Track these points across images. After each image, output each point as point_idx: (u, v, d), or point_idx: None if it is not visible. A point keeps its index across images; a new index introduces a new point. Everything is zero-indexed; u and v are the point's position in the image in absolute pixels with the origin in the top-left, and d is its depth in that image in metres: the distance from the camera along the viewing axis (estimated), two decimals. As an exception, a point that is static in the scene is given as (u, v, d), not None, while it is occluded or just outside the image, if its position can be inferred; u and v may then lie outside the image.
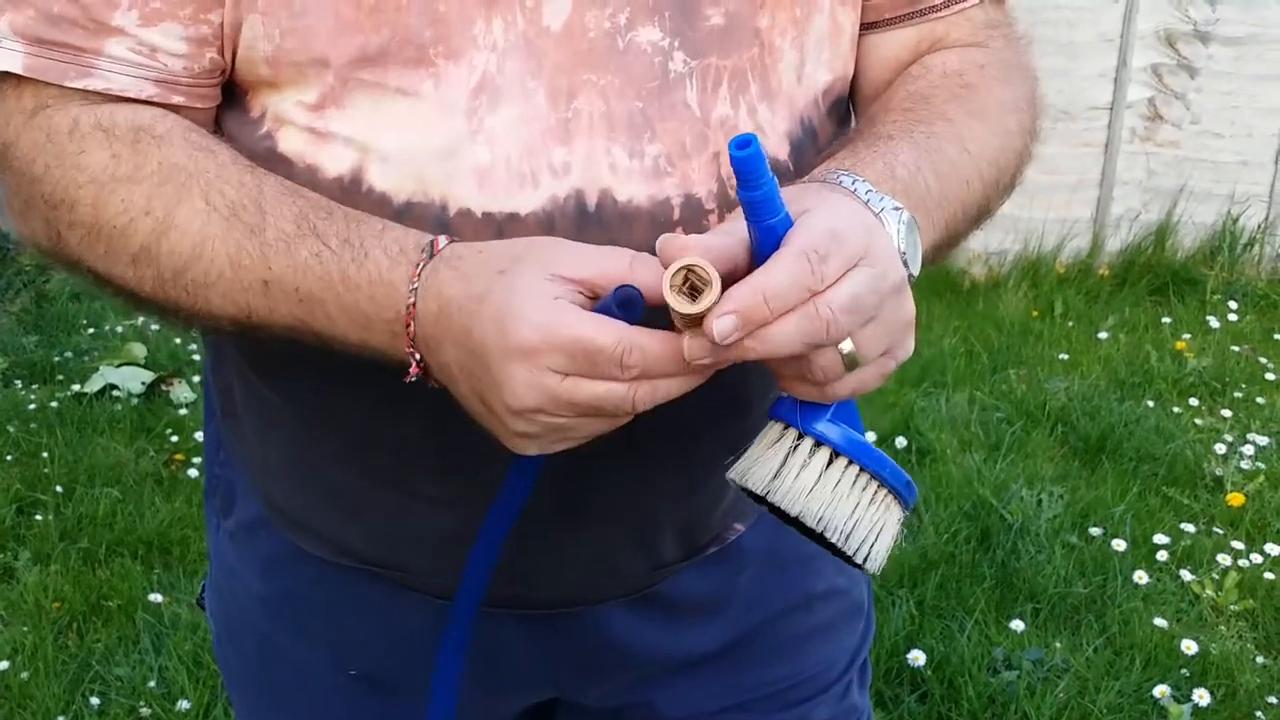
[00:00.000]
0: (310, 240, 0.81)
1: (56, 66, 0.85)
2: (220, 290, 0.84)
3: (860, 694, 1.23)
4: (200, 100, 0.89)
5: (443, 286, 0.78)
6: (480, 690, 1.10)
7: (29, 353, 4.00)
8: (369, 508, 1.00)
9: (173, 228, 0.83)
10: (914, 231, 0.83)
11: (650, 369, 0.75)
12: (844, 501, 0.81)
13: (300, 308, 0.82)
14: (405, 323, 0.79)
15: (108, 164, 0.85)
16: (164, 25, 0.85)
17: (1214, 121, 4.70)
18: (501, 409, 0.77)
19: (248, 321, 0.84)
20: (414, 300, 0.79)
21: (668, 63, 0.88)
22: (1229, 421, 3.67)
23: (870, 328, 0.76)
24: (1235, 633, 2.73)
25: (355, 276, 0.80)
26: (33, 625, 2.66)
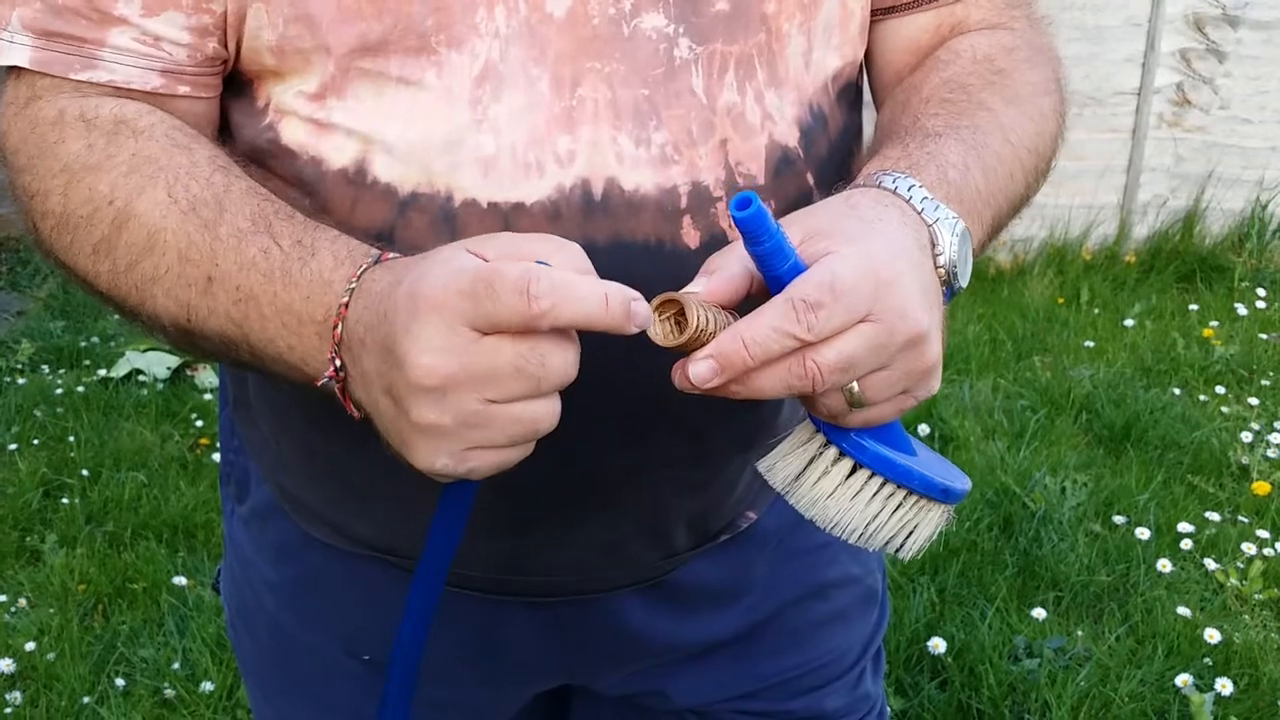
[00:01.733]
0: (262, 237, 0.79)
1: (62, 59, 0.85)
2: (165, 286, 0.81)
3: (874, 682, 1.23)
4: (205, 89, 0.89)
5: (373, 284, 0.75)
6: (492, 677, 1.11)
7: (56, 338, 4.03)
8: (378, 497, 1.00)
9: (132, 218, 0.82)
10: (966, 243, 0.82)
11: (562, 302, 0.68)
12: (863, 509, 0.81)
13: (236, 309, 0.79)
14: (334, 323, 0.76)
15: (81, 153, 0.84)
16: (166, 14, 0.85)
17: (1243, 107, 4.66)
18: (409, 391, 0.70)
19: (186, 325, 0.82)
20: (347, 300, 0.75)
21: (673, 49, 0.87)
22: (1255, 410, 3.64)
23: (881, 375, 0.76)
24: (1259, 622, 2.71)
25: (298, 274, 0.78)
26: (59, 607, 2.68)
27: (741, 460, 1.02)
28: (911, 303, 0.75)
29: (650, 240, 0.87)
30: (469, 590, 1.04)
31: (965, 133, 0.90)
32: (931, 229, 0.80)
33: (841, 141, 0.97)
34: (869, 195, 0.81)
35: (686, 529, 1.04)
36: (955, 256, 0.81)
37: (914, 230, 0.79)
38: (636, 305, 0.71)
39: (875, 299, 0.73)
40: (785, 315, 0.72)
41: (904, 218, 0.80)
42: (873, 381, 0.76)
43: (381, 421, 0.75)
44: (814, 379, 0.73)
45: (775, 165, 0.91)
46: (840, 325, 0.72)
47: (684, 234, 0.87)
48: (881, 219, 0.79)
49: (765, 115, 0.90)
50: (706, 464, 1.00)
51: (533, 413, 0.71)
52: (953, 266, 0.81)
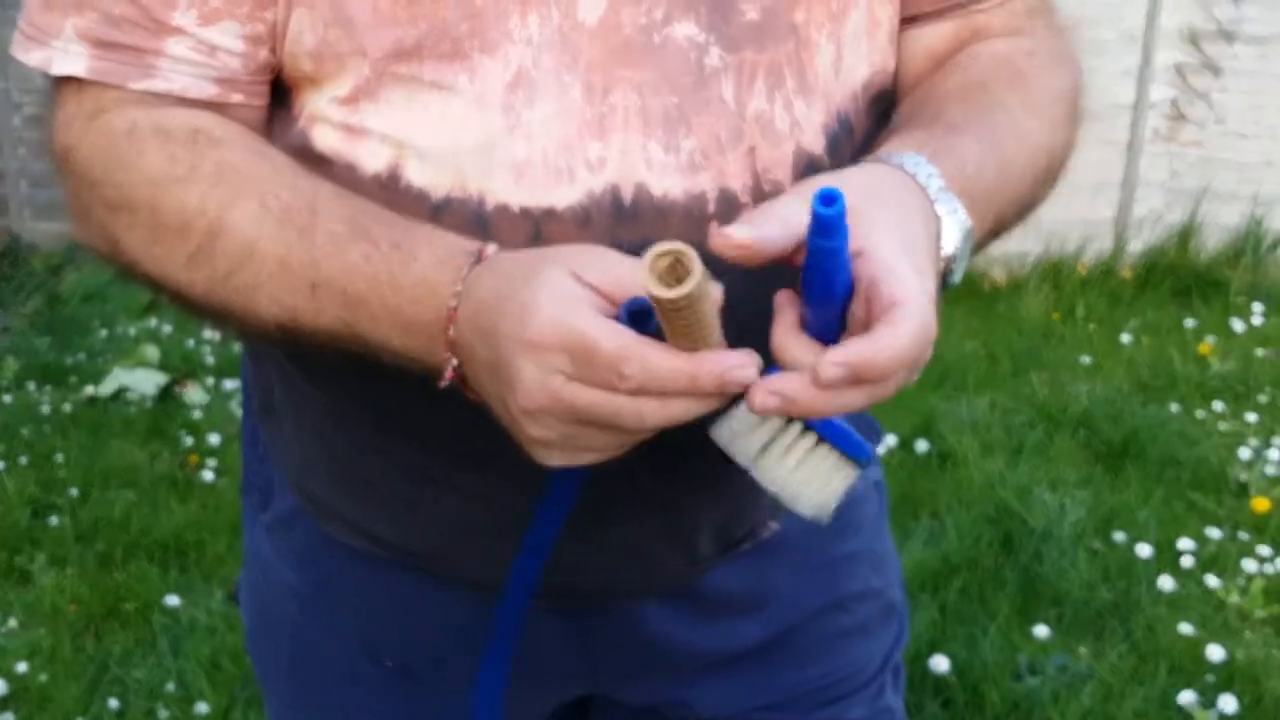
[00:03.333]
0: (361, 243, 0.82)
1: (119, 69, 0.86)
2: (268, 292, 0.84)
3: (894, 695, 1.24)
4: (257, 98, 0.90)
5: (480, 289, 0.78)
6: (520, 685, 1.10)
7: (42, 355, 4.01)
8: (405, 500, 1.01)
9: (227, 228, 0.84)
10: (969, 240, 0.84)
11: (650, 384, 0.73)
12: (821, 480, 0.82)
13: (346, 310, 0.82)
14: (445, 326, 0.79)
15: (165, 165, 0.85)
16: (222, 24, 0.86)
17: (1238, 121, 4.68)
18: (516, 410, 0.76)
19: (293, 325, 0.84)
20: (456, 304, 0.78)
21: (703, 58, 0.88)
22: (1254, 426, 3.64)
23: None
24: (1261, 639, 2.71)
25: (401, 278, 0.80)
26: (50, 628, 2.66)
27: None
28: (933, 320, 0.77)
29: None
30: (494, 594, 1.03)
31: (984, 131, 0.91)
32: (941, 222, 0.82)
33: (866, 150, 0.97)
34: (892, 177, 0.82)
35: (711, 536, 1.04)
36: (956, 253, 0.83)
37: (930, 224, 0.81)
38: (735, 373, 0.74)
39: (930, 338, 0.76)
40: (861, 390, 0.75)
41: (922, 208, 0.81)
42: None
43: (498, 414, 0.80)
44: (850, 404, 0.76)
45: (802, 172, 0.91)
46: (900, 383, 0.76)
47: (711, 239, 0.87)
48: (905, 206, 0.80)
49: (793, 123, 0.91)
50: (732, 471, 0.99)
51: (622, 441, 0.78)
52: (952, 262, 0.82)
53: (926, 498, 3.19)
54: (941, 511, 3.11)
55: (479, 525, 0.99)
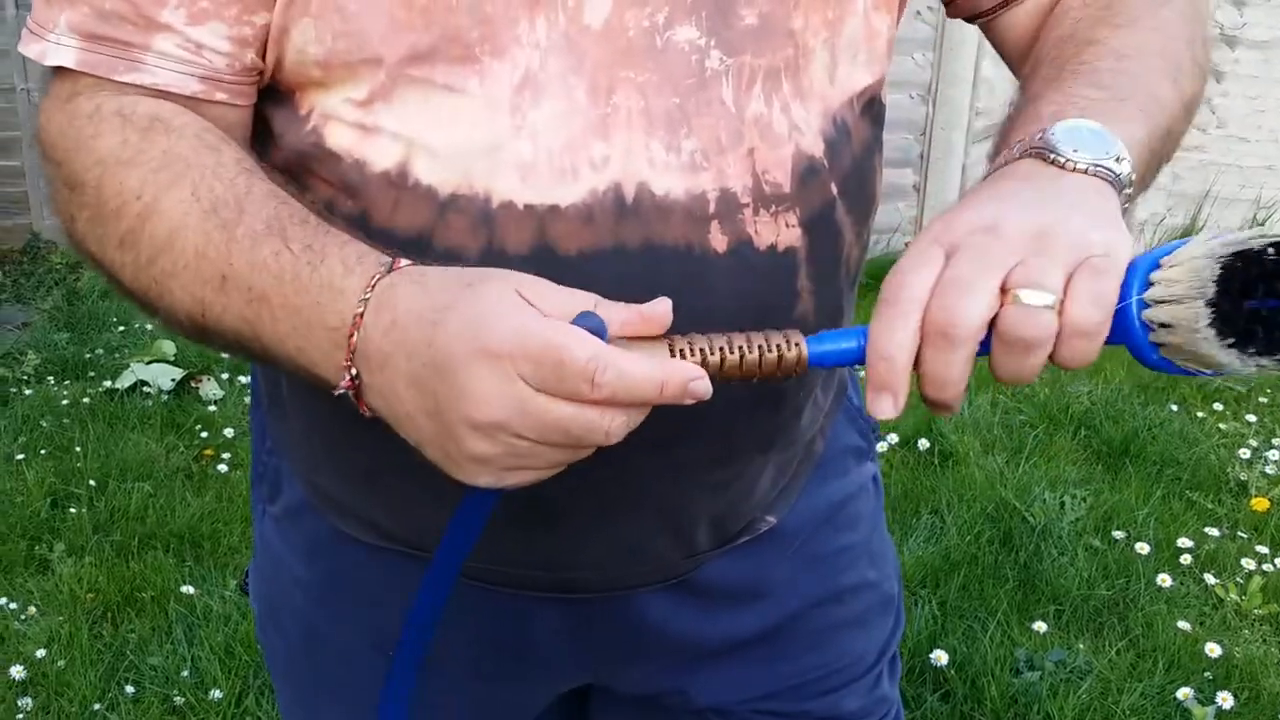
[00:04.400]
0: (274, 240, 0.81)
1: (106, 61, 0.88)
2: (182, 282, 0.84)
3: (890, 686, 1.25)
4: (241, 98, 0.91)
5: (401, 300, 0.76)
6: (520, 673, 1.13)
7: (61, 349, 4.05)
8: (410, 493, 1.02)
9: (156, 213, 0.84)
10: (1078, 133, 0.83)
11: (622, 393, 0.72)
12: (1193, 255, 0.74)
13: (249, 308, 0.82)
14: (349, 332, 0.77)
15: (116, 148, 0.86)
16: (210, 24, 0.88)
17: (1240, 126, 4.70)
18: (461, 424, 0.74)
19: (201, 320, 0.84)
20: (363, 310, 0.77)
21: (704, 61, 0.89)
22: (1253, 427, 3.67)
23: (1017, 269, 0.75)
24: (1260, 636, 2.73)
25: (307, 279, 0.79)
26: (68, 615, 2.70)
27: (762, 461, 1.04)
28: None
29: (680, 244, 0.89)
30: (499, 586, 1.06)
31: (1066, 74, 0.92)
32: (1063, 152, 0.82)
33: (864, 154, 1.00)
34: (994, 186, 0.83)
35: (708, 529, 1.06)
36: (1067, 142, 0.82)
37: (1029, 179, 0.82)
38: (695, 385, 0.75)
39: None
40: None
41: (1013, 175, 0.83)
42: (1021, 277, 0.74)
43: (415, 435, 0.78)
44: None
45: (801, 174, 0.93)
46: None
47: (711, 239, 0.90)
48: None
49: (792, 126, 0.93)
50: (730, 465, 1.02)
51: (571, 455, 0.77)
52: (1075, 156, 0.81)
53: (928, 495, 3.22)
54: (942, 509, 3.15)
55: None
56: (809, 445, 1.12)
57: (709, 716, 1.17)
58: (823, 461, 1.16)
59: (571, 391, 0.72)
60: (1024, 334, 0.74)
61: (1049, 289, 0.74)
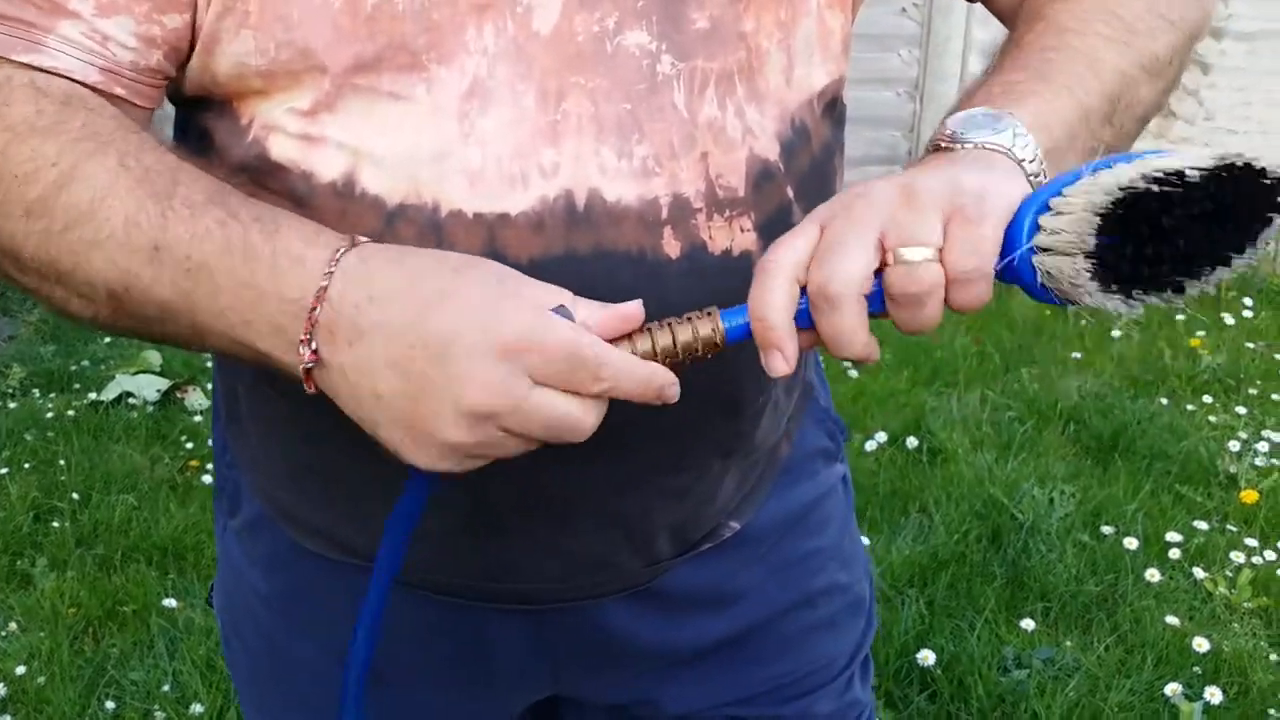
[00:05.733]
0: (218, 210, 0.80)
1: (5, 39, 0.85)
2: (106, 252, 0.81)
3: (863, 688, 1.24)
4: (140, 98, 0.89)
5: (379, 278, 0.77)
6: (481, 685, 1.12)
7: (46, 362, 4.04)
8: (366, 506, 1.01)
9: (76, 179, 0.82)
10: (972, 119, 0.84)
11: (617, 387, 0.77)
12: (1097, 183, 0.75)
13: (185, 279, 0.79)
14: (311, 304, 0.77)
15: (29, 116, 0.84)
16: (118, 18, 0.86)
17: (1228, 118, 4.69)
18: (450, 410, 0.75)
19: (124, 293, 0.82)
20: (327, 284, 0.77)
21: (655, 65, 0.89)
22: (1243, 419, 3.66)
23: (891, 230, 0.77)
24: (1249, 630, 2.72)
25: (260, 248, 0.78)
26: (49, 630, 2.68)
27: (721, 468, 1.03)
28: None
29: (632, 250, 0.88)
30: (456, 598, 1.06)
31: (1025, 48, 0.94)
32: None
33: (823, 156, 0.99)
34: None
35: (669, 537, 1.05)
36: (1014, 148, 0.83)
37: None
38: (668, 389, 0.79)
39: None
40: None
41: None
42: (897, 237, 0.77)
43: (379, 415, 0.78)
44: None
45: (755, 178, 0.92)
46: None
47: (664, 244, 0.89)
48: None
49: (746, 129, 0.92)
50: (687, 472, 1.01)
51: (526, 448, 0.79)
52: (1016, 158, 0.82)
53: (916, 493, 3.21)
54: (930, 507, 3.13)
55: (440, 532, 0.99)
56: (773, 449, 1.11)
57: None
58: (790, 465, 1.15)
59: (576, 384, 0.76)
60: (910, 290, 0.76)
61: (925, 242, 0.76)
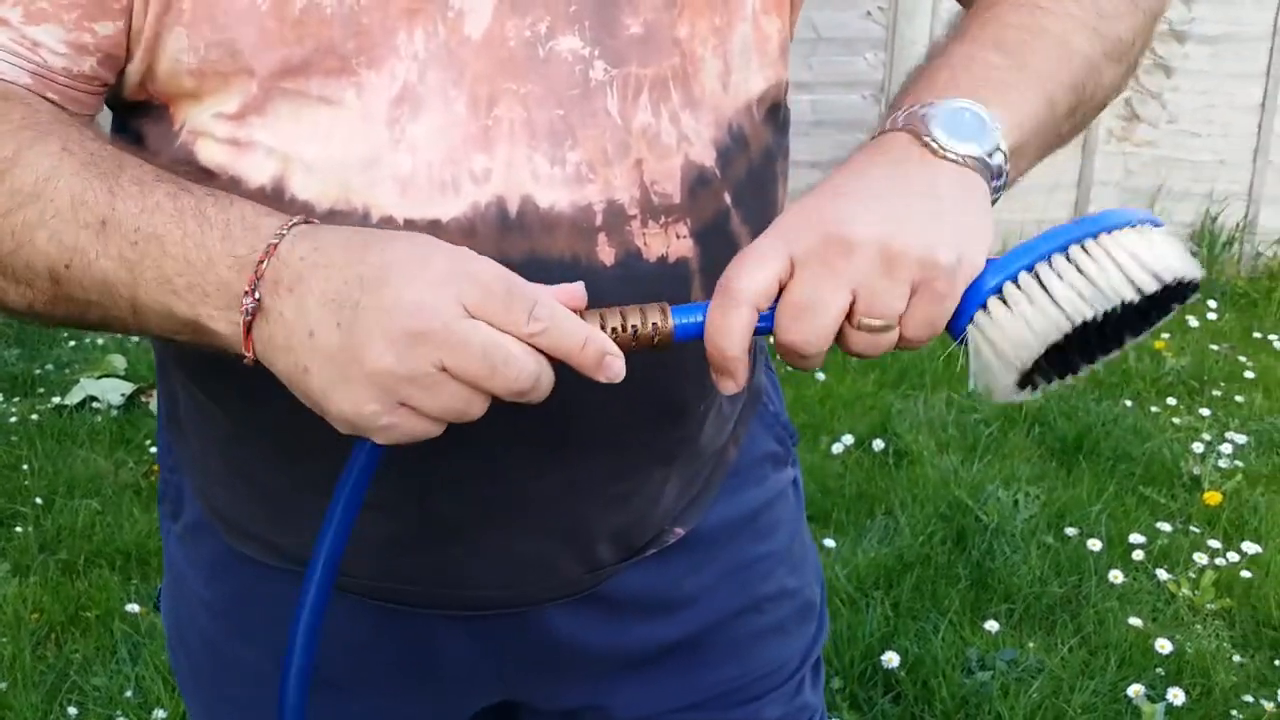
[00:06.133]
0: (168, 185, 0.80)
1: None
2: (51, 230, 0.80)
3: (813, 692, 1.24)
4: (74, 104, 0.89)
5: (325, 235, 0.78)
6: (429, 691, 1.12)
7: (10, 366, 4.01)
8: (303, 513, 1.00)
9: (19, 165, 0.82)
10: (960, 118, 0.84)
11: (552, 332, 0.76)
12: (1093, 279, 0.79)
13: (132, 250, 0.79)
14: (259, 259, 0.77)
15: None
16: (47, 25, 0.86)
17: (1191, 121, 4.73)
18: (378, 332, 0.74)
19: (65, 272, 0.81)
20: (278, 241, 0.77)
21: (588, 71, 0.88)
22: (1207, 420, 3.69)
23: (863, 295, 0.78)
24: (1212, 631, 2.74)
25: (214, 214, 0.79)
26: (11, 636, 2.67)
27: (663, 475, 1.03)
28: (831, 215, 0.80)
29: (565, 257, 0.88)
30: (397, 604, 1.05)
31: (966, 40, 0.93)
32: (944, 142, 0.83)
33: (763, 162, 0.98)
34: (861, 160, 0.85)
35: (611, 543, 1.05)
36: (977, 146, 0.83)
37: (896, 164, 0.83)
38: (611, 360, 0.78)
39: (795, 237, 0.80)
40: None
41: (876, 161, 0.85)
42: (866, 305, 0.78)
43: (309, 357, 0.76)
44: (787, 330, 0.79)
45: (690, 185, 0.92)
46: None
47: (599, 251, 0.89)
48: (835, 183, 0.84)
49: (681, 136, 0.91)
50: (628, 479, 1.01)
51: (468, 399, 0.76)
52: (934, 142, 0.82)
53: (882, 495, 3.22)
54: (896, 509, 3.14)
55: (381, 538, 0.99)
56: (719, 454, 1.11)
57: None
58: (738, 469, 1.15)
59: (510, 321, 0.74)
60: (865, 352, 0.81)
61: (891, 315, 0.79)
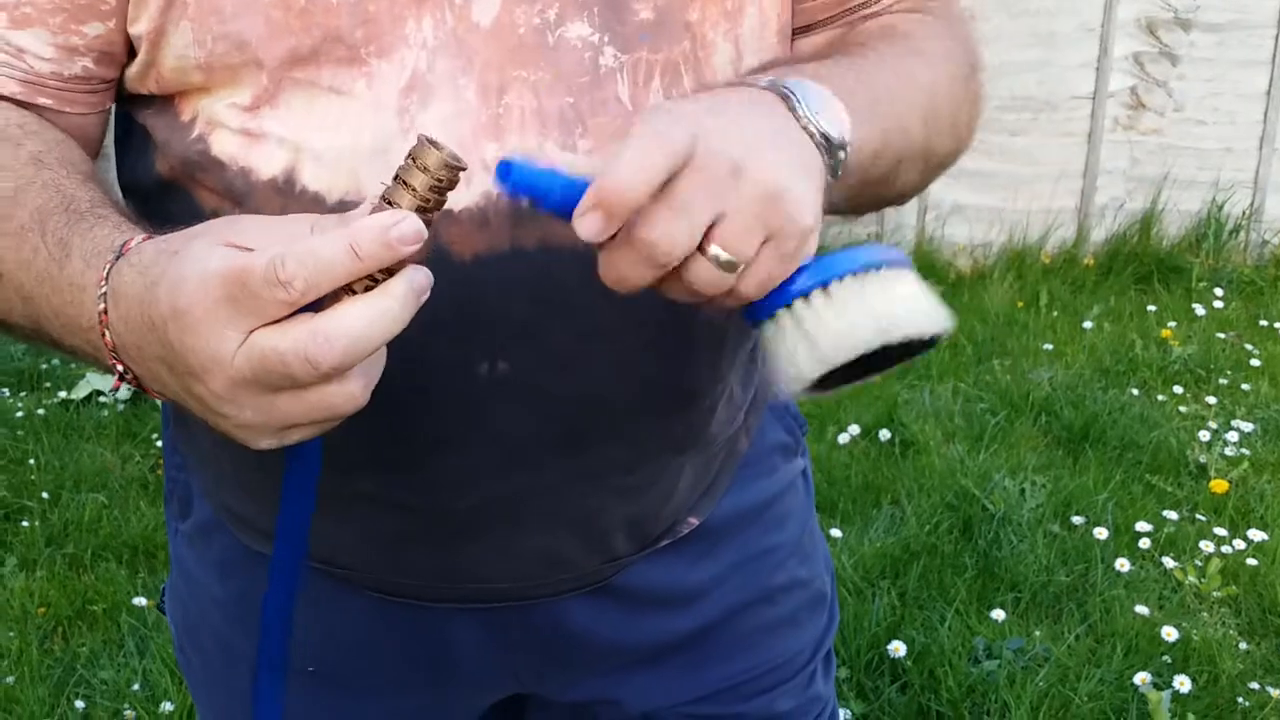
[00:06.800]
0: (34, 236, 0.79)
1: None
2: None
3: (824, 683, 1.24)
4: (70, 105, 0.89)
5: (125, 287, 0.73)
6: (441, 685, 1.12)
7: (16, 360, 4.01)
8: (317, 510, 1.00)
9: None
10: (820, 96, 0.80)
11: (315, 275, 0.65)
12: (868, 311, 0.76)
13: (26, 306, 0.80)
14: (100, 332, 0.75)
15: None
16: (33, 30, 0.86)
17: (1197, 109, 4.71)
18: (212, 399, 0.69)
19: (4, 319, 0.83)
20: (104, 307, 0.74)
21: (598, 58, 0.88)
22: (1213, 408, 3.68)
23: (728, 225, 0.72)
24: (1218, 619, 2.74)
25: (58, 279, 0.77)
26: (19, 630, 2.67)
27: (678, 463, 1.03)
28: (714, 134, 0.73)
29: (578, 244, 0.86)
30: (409, 599, 1.05)
31: (840, 60, 0.89)
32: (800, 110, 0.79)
33: None
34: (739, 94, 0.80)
35: (625, 534, 1.04)
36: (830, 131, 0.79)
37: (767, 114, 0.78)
38: (398, 229, 0.66)
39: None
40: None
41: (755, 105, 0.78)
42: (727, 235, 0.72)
43: (191, 406, 0.73)
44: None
45: None
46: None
47: None
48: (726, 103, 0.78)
49: None
50: (642, 468, 1.01)
51: (326, 398, 0.69)
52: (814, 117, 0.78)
53: (888, 485, 3.22)
54: (902, 499, 3.14)
55: (391, 533, 0.99)
56: (731, 444, 1.11)
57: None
58: (749, 460, 1.14)
59: (275, 305, 0.66)
60: (698, 285, 0.73)
61: (742, 256, 0.72)
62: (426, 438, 0.92)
